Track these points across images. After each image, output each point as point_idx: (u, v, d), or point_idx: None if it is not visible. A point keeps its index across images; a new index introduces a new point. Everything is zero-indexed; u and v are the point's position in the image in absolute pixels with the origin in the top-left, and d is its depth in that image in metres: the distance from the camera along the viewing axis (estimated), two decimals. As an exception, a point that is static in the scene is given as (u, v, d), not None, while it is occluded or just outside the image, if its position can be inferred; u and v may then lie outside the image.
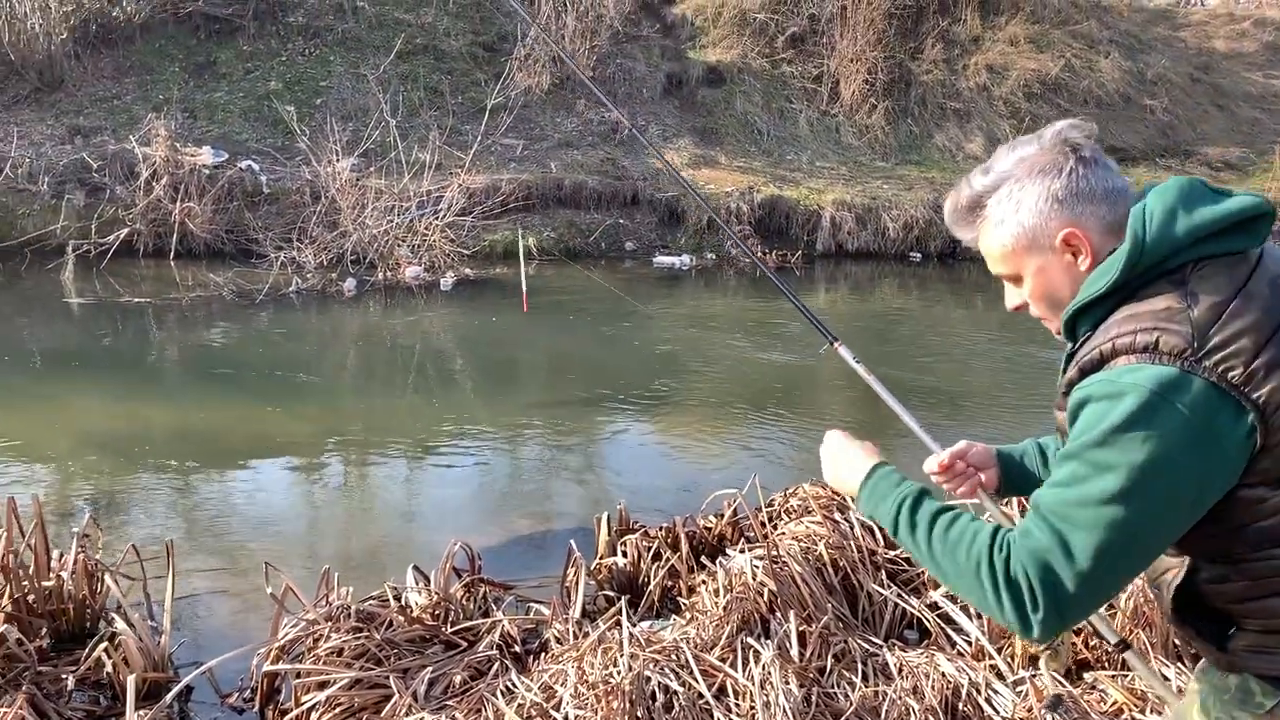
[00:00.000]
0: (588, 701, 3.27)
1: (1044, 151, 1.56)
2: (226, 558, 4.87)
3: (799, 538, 4.29)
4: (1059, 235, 1.54)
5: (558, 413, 7.37)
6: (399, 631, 3.78)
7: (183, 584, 4.35)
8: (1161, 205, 1.49)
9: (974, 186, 1.62)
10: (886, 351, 9.66)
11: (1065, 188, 1.54)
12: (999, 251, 1.61)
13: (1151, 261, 1.47)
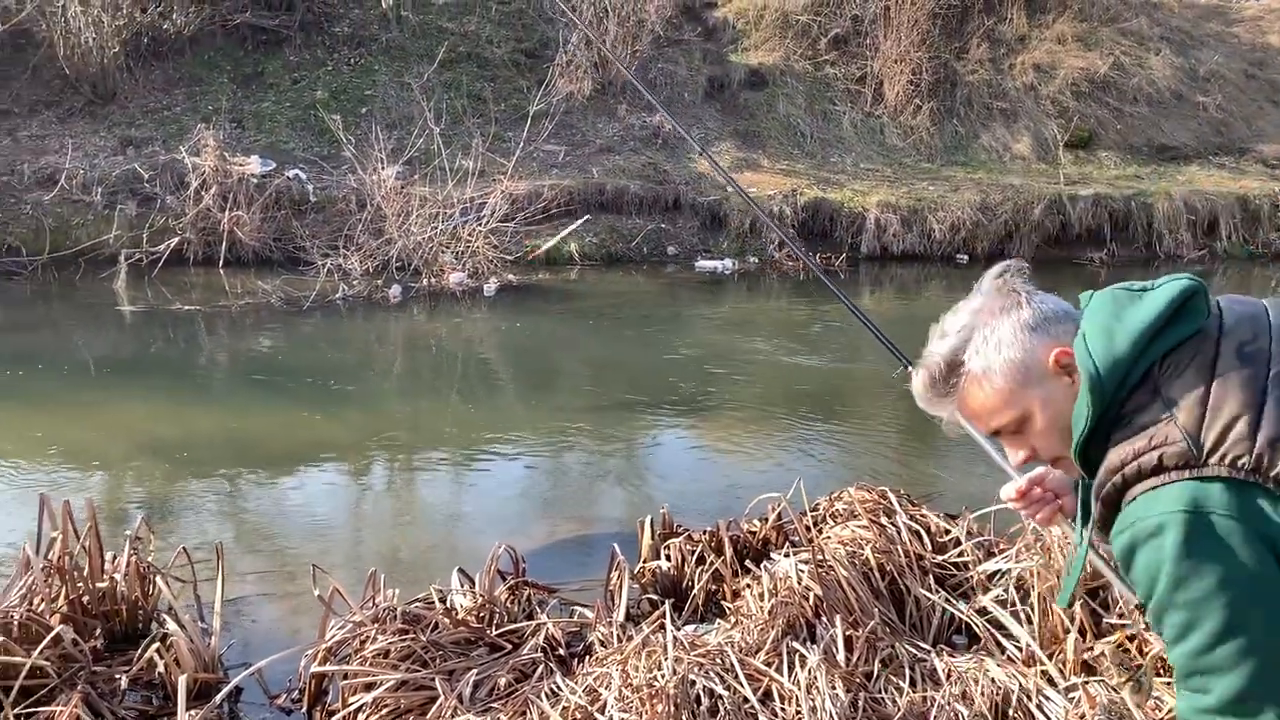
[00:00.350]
0: (632, 705, 3.25)
1: (992, 296, 1.58)
2: (275, 561, 4.93)
3: (845, 542, 4.25)
4: (1050, 357, 1.52)
5: (601, 417, 7.37)
6: (444, 634, 3.80)
7: (232, 587, 4.41)
8: (1095, 329, 1.48)
9: (941, 352, 1.59)
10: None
11: (1033, 315, 1.55)
12: (997, 399, 1.55)
13: (1113, 387, 1.45)
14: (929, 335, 1.67)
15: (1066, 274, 13.54)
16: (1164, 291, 1.47)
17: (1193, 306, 1.46)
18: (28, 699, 3.44)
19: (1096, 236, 14.39)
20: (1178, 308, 1.46)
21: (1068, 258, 14.10)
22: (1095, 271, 13.69)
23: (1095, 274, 13.62)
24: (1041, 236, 14.14)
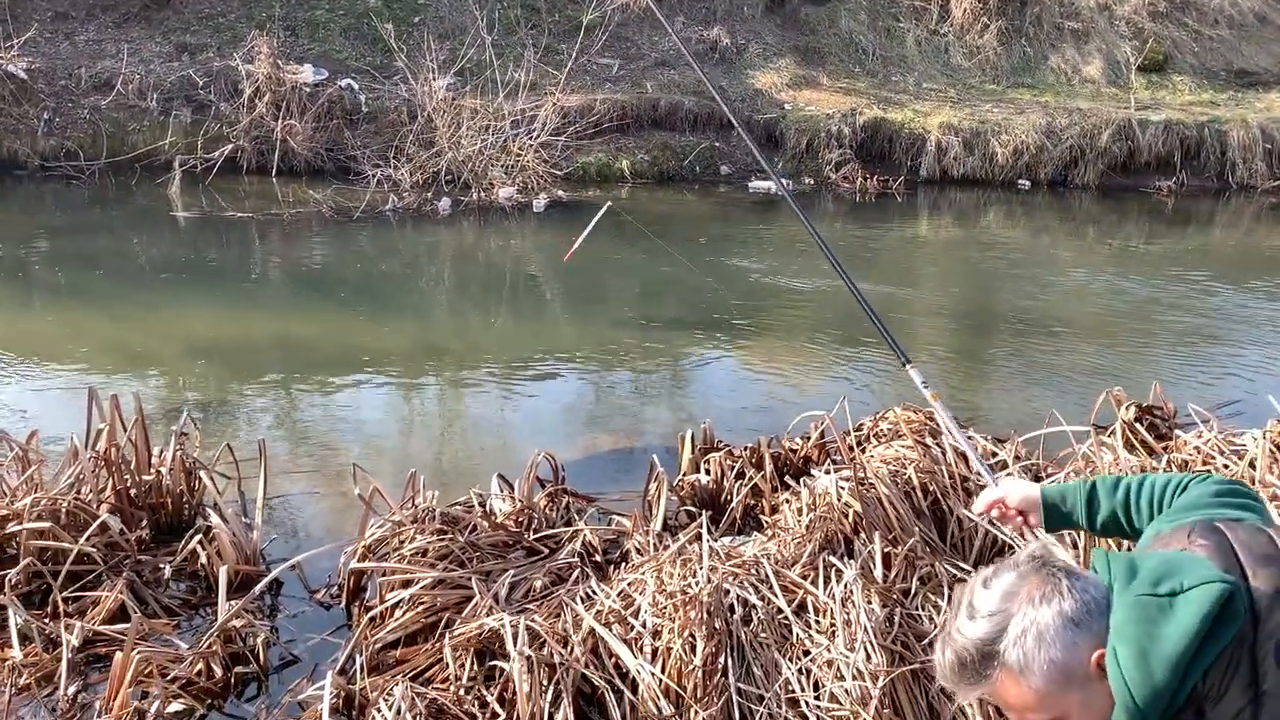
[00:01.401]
0: (665, 610, 3.25)
1: (1029, 578, 1.42)
2: (318, 461, 4.99)
3: (887, 461, 4.18)
4: (1092, 660, 1.38)
5: (646, 335, 7.31)
6: (482, 536, 3.82)
7: (275, 485, 4.47)
8: (1129, 651, 1.33)
9: (974, 636, 1.42)
10: (989, 282, 9.33)
11: (1075, 608, 1.38)
12: (1033, 698, 1.41)
13: (1156, 713, 1.33)
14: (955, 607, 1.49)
15: (1131, 203, 13.11)
16: (1199, 604, 1.32)
17: (1230, 612, 1.34)
18: (75, 583, 3.53)
19: (1166, 164, 13.83)
20: (1214, 624, 1.33)
21: (1134, 186, 13.60)
22: (1162, 201, 13.22)
23: (1162, 204, 13.16)
24: (1108, 163, 13.63)
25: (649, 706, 3.05)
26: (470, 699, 3.07)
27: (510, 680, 3.07)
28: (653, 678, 3.11)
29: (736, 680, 3.07)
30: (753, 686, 3.05)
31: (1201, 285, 9.18)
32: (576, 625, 3.30)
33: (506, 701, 3.06)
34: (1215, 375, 6.66)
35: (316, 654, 3.39)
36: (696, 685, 3.07)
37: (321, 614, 3.64)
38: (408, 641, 3.37)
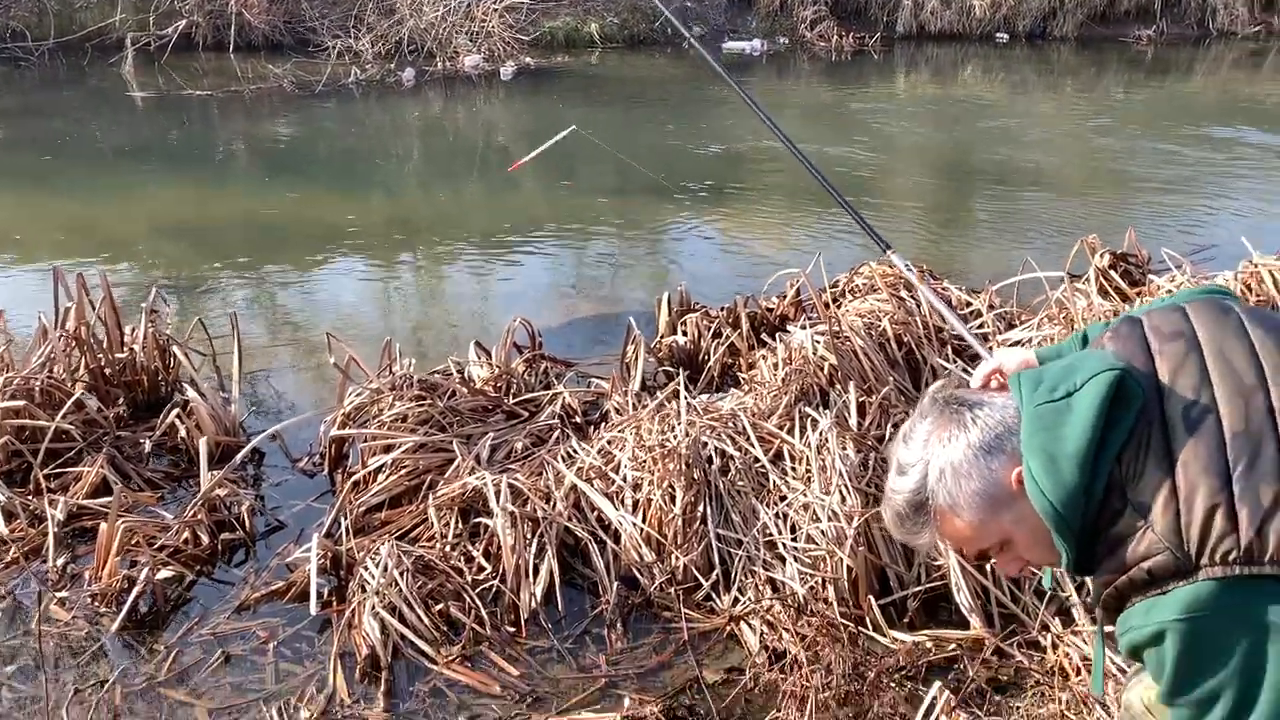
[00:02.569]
0: (645, 464, 3.29)
1: (938, 421, 1.46)
2: (291, 336, 4.96)
3: (863, 314, 4.19)
4: (1011, 479, 1.40)
5: (622, 203, 7.22)
6: (461, 401, 3.83)
7: (250, 360, 4.45)
8: (1038, 461, 1.34)
9: (905, 490, 1.47)
10: (966, 138, 9.20)
11: (981, 435, 1.42)
12: (973, 530, 1.44)
13: (1077, 517, 1.34)
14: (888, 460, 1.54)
15: (1110, 54, 12.88)
16: (1092, 394, 1.34)
17: (1126, 393, 1.35)
18: (55, 461, 3.54)
19: (1145, 13, 13.56)
20: (1112, 404, 1.34)
21: (1114, 36, 13.35)
22: (1141, 51, 12.98)
23: (1141, 53, 12.93)
24: (1087, 13, 13.34)
25: (631, 554, 3.12)
26: (456, 554, 3.13)
27: (495, 535, 3.12)
28: (634, 528, 3.17)
29: (715, 527, 3.13)
30: (731, 532, 3.12)
31: (1179, 135, 9.10)
32: (558, 482, 3.35)
33: (492, 555, 3.12)
34: (1190, 222, 6.67)
35: (302, 519, 3.43)
36: (677, 533, 3.14)
37: (305, 482, 3.67)
38: (392, 504, 3.41)
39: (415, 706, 2.60)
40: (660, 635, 2.89)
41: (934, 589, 2.90)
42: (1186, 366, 1.36)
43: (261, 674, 2.72)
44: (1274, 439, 1.28)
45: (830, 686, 2.28)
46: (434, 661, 2.74)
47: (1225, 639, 1.26)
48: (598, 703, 2.60)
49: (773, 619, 2.82)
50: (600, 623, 2.94)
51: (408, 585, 2.91)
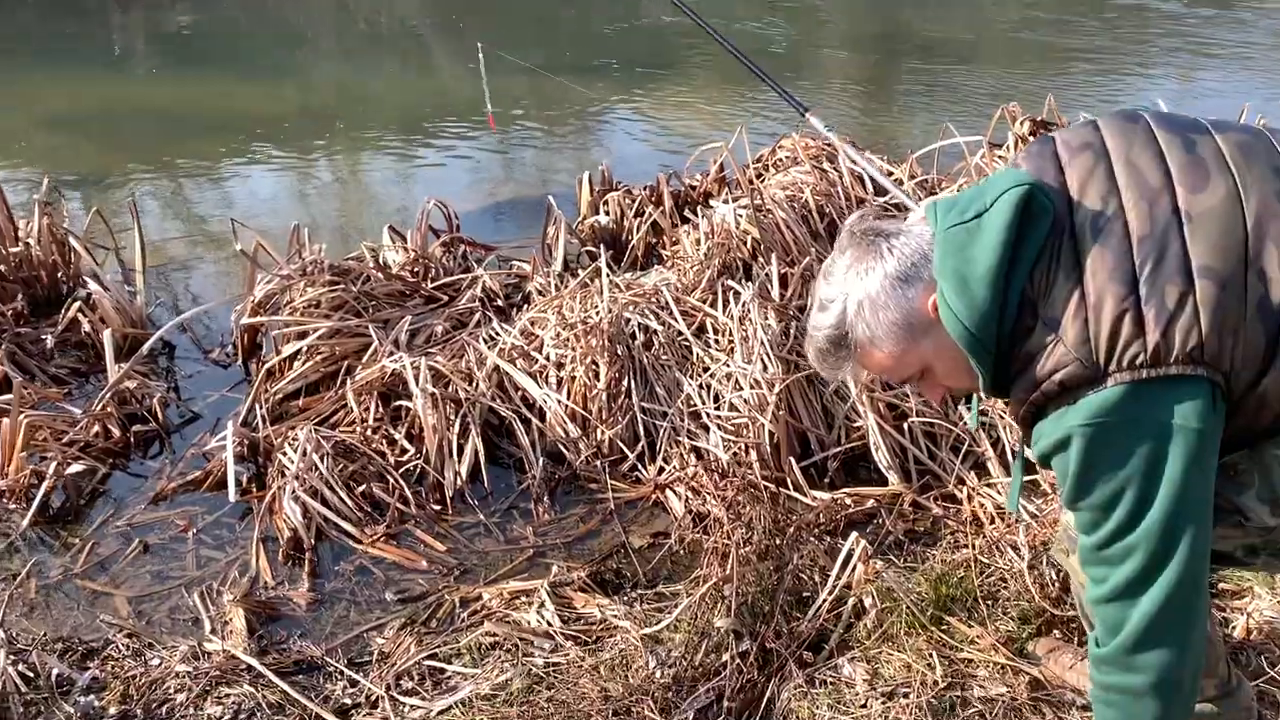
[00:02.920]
0: (568, 341, 3.26)
1: (855, 254, 1.44)
2: (198, 228, 4.79)
3: (785, 187, 4.15)
4: (928, 307, 1.39)
5: (544, 83, 7.00)
6: (377, 286, 3.74)
7: (156, 255, 4.30)
8: (950, 284, 1.34)
9: (824, 326, 1.47)
10: (891, 12, 9.08)
11: (896, 265, 1.41)
12: (893, 360, 1.45)
13: (991, 339, 1.34)
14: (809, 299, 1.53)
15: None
16: (1001, 212, 1.32)
17: (1035, 208, 1.33)
18: (-49, 358, 3.39)
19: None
20: (1022, 220, 1.32)
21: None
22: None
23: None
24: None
25: (557, 431, 3.11)
26: (378, 438, 3.09)
27: (417, 417, 3.09)
28: (559, 405, 3.16)
29: (640, 400, 3.13)
30: (656, 404, 3.12)
31: (1109, 6, 9.09)
32: (480, 363, 3.31)
33: (415, 437, 3.09)
34: (1112, 92, 6.71)
35: (216, 410, 3.35)
36: (601, 408, 3.13)
37: (218, 373, 3.58)
38: (309, 391, 3.34)
39: (341, 585, 2.58)
40: (587, 506, 2.91)
41: (854, 449, 2.95)
42: (1095, 176, 1.35)
43: (182, 561, 2.68)
44: (1180, 239, 1.28)
45: (751, 542, 2.32)
46: (358, 541, 2.72)
47: (1127, 442, 1.28)
48: (525, 571, 2.61)
49: (697, 485, 2.85)
50: (527, 497, 2.94)
51: (328, 468, 2.87)
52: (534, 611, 2.37)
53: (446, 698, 2.12)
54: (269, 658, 2.29)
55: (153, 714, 2.12)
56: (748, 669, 2.06)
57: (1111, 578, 1.33)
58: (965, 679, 2.03)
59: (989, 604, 2.21)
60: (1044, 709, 1.96)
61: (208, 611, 2.46)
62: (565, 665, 2.18)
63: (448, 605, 2.47)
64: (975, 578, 2.27)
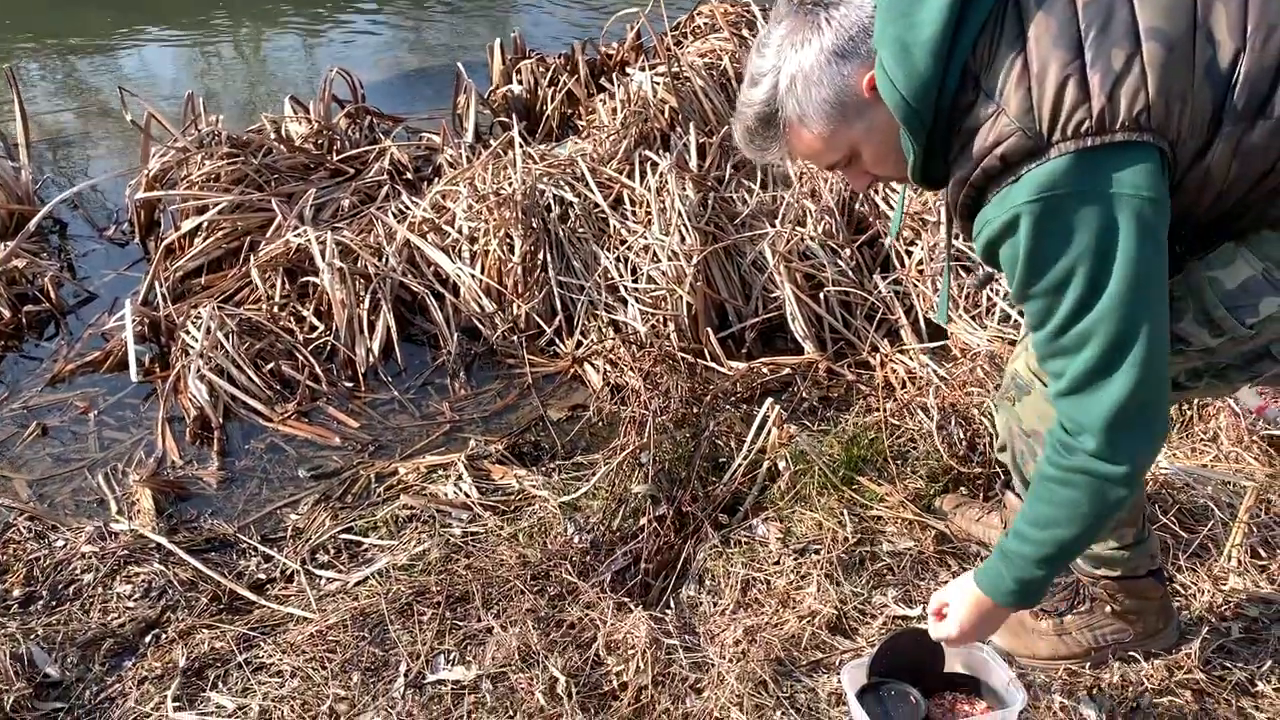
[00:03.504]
0: (481, 214, 3.18)
1: (791, 25, 1.34)
2: (87, 100, 4.51)
3: (703, 54, 4.04)
4: (863, 85, 1.30)
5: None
6: (279, 159, 3.59)
7: (40, 129, 4.05)
8: (890, 50, 1.26)
9: (754, 103, 1.37)
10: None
11: (836, 39, 1.31)
12: (822, 142, 1.36)
13: (929, 110, 1.27)
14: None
15: None
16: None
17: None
18: None
19: None
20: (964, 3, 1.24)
21: None
22: None
23: None
24: None
25: (471, 306, 3.06)
26: (285, 315, 3.00)
27: (325, 293, 3.00)
28: (473, 279, 3.09)
29: (556, 274, 3.08)
30: (572, 278, 3.08)
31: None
32: (390, 237, 3.21)
33: (324, 314, 3.01)
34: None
35: (114, 289, 3.21)
36: (517, 282, 3.08)
37: (115, 251, 3.42)
38: (211, 269, 3.22)
39: (251, 464, 2.53)
40: (504, 382, 2.88)
41: (770, 320, 2.96)
42: None
43: (83, 444, 2.60)
44: (1128, 3, 1.24)
45: (668, 411, 2.32)
46: (268, 420, 2.66)
47: (1077, 216, 1.24)
48: (442, 446, 2.59)
49: (615, 358, 2.84)
50: (442, 373, 2.90)
51: (234, 347, 2.79)
52: (451, 484, 2.36)
53: (363, 569, 2.11)
54: (179, 536, 2.24)
55: (59, 594, 2.08)
56: (665, 532, 2.09)
57: (1070, 369, 1.31)
58: (875, 535, 2.09)
59: (899, 464, 2.26)
60: (949, 561, 2.03)
61: (113, 493, 2.40)
62: (483, 535, 2.18)
63: (363, 481, 2.45)
64: (886, 439, 2.32)
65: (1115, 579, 1.74)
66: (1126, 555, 1.71)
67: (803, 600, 1.91)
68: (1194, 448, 2.28)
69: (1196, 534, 2.00)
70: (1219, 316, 1.38)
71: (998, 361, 2.50)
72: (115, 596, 2.07)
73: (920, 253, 3.03)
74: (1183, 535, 2.01)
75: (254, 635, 1.94)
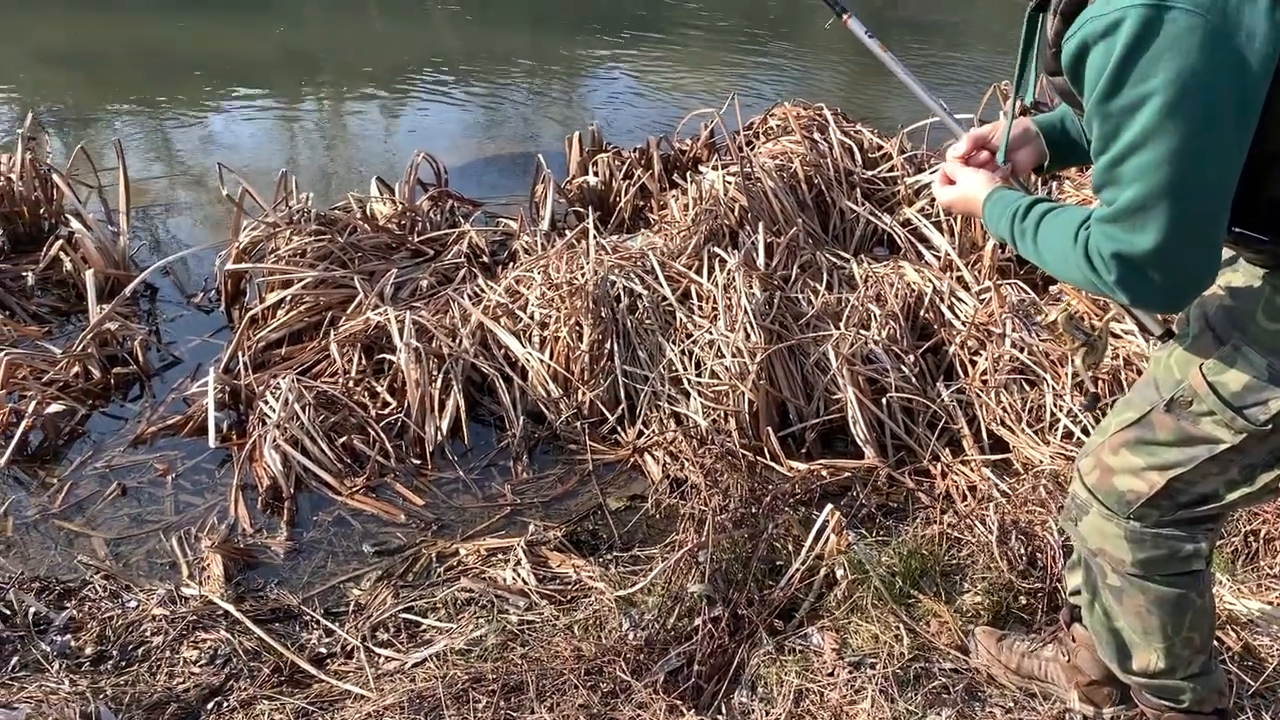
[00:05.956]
0: (552, 301, 3.27)
1: None
2: (184, 170, 4.74)
3: (774, 155, 4.15)
4: None
5: (537, 41, 6.96)
6: (363, 238, 3.73)
7: (141, 196, 4.26)
8: None
9: None
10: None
11: None
12: None
13: None
14: None
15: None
16: None
17: None
18: (-71, 291, 3.36)
19: None
20: None
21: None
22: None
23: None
24: None
25: (538, 390, 3.13)
26: (360, 390, 3.10)
27: (399, 371, 3.09)
28: (541, 364, 3.17)
29: (622, 363, 3.15)
30: (638, 368, 3.14)
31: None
32: (464, 319, 3.31)
33: (397, 391, 3.10)
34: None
35: (198, 355, 3.35)
36: (584, 369, 3.15)
37: (201, 318, 3.57)
38: (292, 341, 3.34)
39: (318, 535, 2.60)
40: (565, 467, 2.93)
41: (832, 421, 2.98)
42: None
43: (160, 506, 2.69)
44: None
45: (727, 509, 2.35)
46: (338, 492, 2.74)
47: (1180, 37, 1.17)
48: (502, 529, 2.64)
49: (675, 450, 2.88)
50: (506, 455, 2.97)
51: (310, 418, 2.88)
52: (510, 569, 2.40)
53: (421, 650, 2.15)
54: (246, 604, 2.31)
55: (129, 655, 2.15)
56: (719, 634, 2.10)
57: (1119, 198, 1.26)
58: (931, 651, 2.08)
59: (957, 578, 2.25)
60: (1003, 684, 2.01)
61: (185, 556, 2.48)
62: (539, 623, 2.21)
63: (424, 559, 2.50)
64: (944, 553, 2.32)
65: (1180, 711, 1.72)
66: (1193, 687, 1.68)
67: (856, 716, 1.90)
68: (1260, 583, 2.25)
69: (1261, 673, 1.97)
70: (1229, 418, 1.42)
71: (1061, 481, 2.50)
72: (182, 661, 2.13)
73: (984, 363, 3.05)
74: (1248, 681, 1.97)
75: (312, 710, 1.98)
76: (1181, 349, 1.53)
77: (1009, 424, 2.90)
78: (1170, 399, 1.51)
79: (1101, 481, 1.62)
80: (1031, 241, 1.46)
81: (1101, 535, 1.63)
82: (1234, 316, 1.45)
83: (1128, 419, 1.58)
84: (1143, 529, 1.59)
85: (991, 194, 1.57)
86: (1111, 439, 1.60)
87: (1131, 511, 1.58)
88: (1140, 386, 1.62)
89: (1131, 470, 1.57)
